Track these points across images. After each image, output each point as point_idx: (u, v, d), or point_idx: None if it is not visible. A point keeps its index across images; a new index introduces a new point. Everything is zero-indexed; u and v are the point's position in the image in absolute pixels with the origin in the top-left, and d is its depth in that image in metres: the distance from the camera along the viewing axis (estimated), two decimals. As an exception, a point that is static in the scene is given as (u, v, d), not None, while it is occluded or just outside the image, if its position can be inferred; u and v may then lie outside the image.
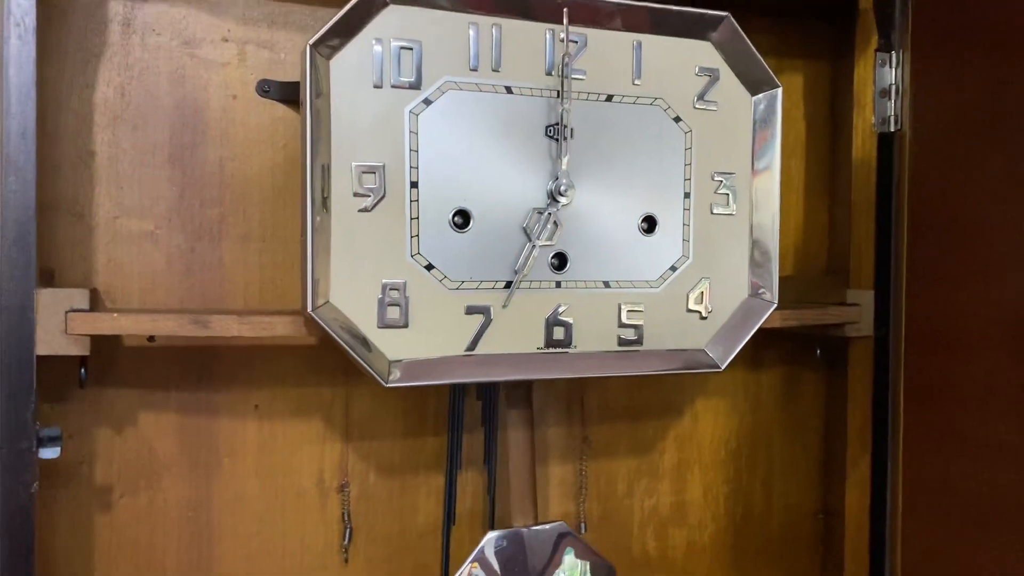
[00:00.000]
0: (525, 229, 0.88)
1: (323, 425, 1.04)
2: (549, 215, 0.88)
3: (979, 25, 0.98)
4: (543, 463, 1.13)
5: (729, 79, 0.96)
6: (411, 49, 0.84)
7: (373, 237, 0.83)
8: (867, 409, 1.13)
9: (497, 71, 0.87)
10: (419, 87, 0.84)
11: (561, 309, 0.90)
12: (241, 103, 0.99)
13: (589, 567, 0.98)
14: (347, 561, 1.06)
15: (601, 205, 0.91)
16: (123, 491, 0.97)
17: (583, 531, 1.15)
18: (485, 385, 1.03)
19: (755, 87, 0.97)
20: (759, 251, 0.98)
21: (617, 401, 1.17)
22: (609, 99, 0.91)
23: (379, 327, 0.84)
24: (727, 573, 1.24)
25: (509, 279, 0.88)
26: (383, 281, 0.84)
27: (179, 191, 0.97)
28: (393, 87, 0.83)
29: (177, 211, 0.97)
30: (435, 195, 0.85)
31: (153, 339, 0.95)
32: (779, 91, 0.97)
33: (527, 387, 0.98)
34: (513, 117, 0.88)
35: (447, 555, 1.06)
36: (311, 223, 0.80)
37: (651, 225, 0.94)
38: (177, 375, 0.98)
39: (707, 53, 0.95)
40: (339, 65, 0.82)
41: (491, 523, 1.08)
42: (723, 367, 0.95)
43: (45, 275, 0.88)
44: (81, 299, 0.83)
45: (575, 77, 0.89)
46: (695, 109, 0.95)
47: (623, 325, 0.93)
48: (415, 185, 0.85)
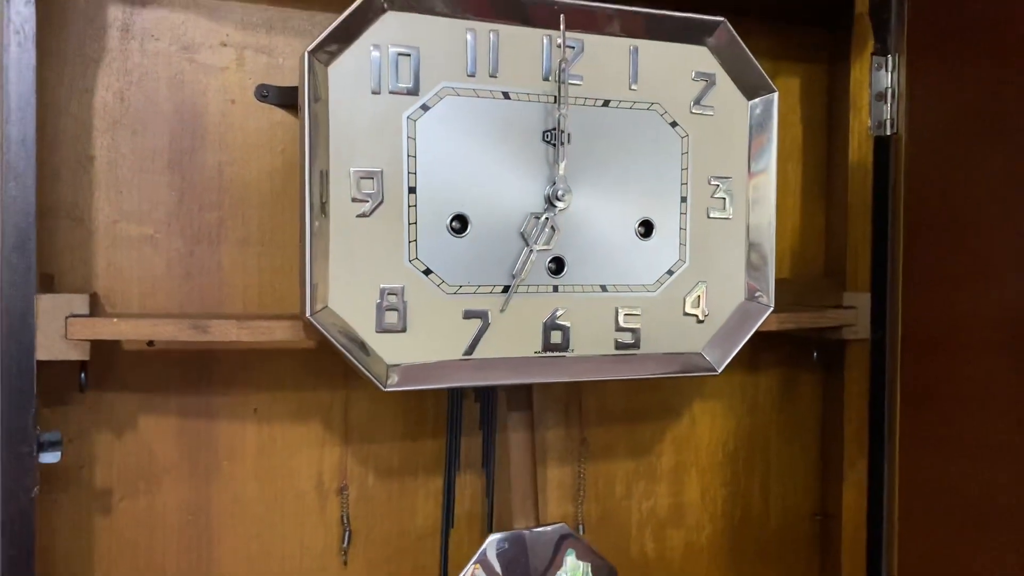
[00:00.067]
0: (522, 234, 0.89)
1: (322, 428, 1.04)
2: (546, 220, 0.89)
3: (974, 29, 0.98)
4: (541, 465, 1.13)
5: (725, 84, 0.96)
6: (409, 55, 0.84)
7: (371, 242, 0.84)
8: (864, 411, 1.13)
9: (494, 77, 0.87)
10: (417, 93, 0.85)
11: (558, 313, 0.91)
12: (240, 108, 0.99)
13: (590, 568, 0.98)
14: (346, 563, 1.06)
15: (598, 210, 0.92)
16: (123, 494, 0.97)
17: (581, 533, 1.15)
18: (483, 388, 1.04)
19: (751, 92, 0.97)
20: (756, 254, 0.98)
21: (615, 404, 1.18)
22: (606, 104, 0.92)
23: (377, 331, 0.84)
24: (724, 574, 1.25)
25: (507, 283, 0.89)
26: (381, 286, 0.84)
27: (178, 195, 0.98)
28: (391, 93, 0.84)
29: (176, 215, 0.98)
30: (433, 200, 0.86)
31: (153, 343, 0.96)
32: (775, 96, 0.97)
33: (528, 389, 0.99)
34: (510, 122, 0.88)
35: (446, 557, 1.06)
36: (310, 228, 0.80)
37: (648, 229, 0.94)
38: (177, 379, 0.99)
39: (703, 58, 0.95)
40: (337, 71, 0.82)
41: (490, 525, 1.08)
42: (720, 370, 0.95)
43: (45, 280, 0.88)
44: (81, 304, 0.83)
45: (572, 82, 0.90)
46: (691, 114, 0.95)
47: (620, 329, 0.93)
48: (413, 190, 0.85)
